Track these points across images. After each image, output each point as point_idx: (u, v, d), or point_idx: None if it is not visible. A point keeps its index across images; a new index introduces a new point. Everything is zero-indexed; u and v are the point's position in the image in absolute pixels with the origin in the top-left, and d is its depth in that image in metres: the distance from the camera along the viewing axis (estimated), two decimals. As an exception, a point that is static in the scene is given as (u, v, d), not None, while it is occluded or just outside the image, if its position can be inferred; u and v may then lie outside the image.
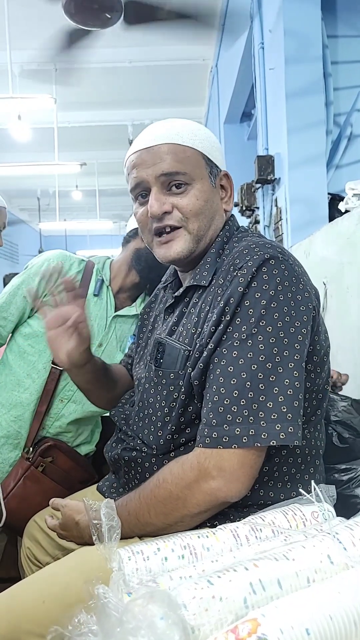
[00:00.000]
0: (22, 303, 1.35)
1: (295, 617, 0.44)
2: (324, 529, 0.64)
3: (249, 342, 0.80)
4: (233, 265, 0.87)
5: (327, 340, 0.94)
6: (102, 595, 0.44)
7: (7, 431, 1.35)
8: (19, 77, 5.36)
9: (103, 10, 2.76)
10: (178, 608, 0.43)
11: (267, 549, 0.61)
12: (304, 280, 0.86)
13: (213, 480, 0.78)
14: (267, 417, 0.77)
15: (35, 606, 0.81)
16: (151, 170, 0.91)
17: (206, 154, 0.93)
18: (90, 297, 1.38)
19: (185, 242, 0.93)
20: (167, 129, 0.93)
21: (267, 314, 0.80)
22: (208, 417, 0.81)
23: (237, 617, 0.45)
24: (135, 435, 0.98)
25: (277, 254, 0.84)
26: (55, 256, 1.38)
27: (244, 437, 0.77)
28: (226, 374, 0.80)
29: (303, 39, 2.77)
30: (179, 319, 0.96)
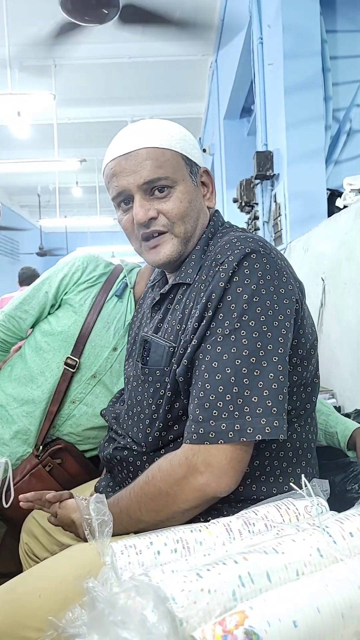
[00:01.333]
0: (43, 298, 1.35)
1: (283, 609, 0.44)
2: (316, 523, 0.65)
3: (232, 337, 0.80)
4: (215, 260, 0.87)
5: (313, 333, 0.94)
6: (91, 589, 0.44)
7: (17, 425, 1.34)
8: (18, 74, 5.35)
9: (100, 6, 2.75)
10: (166, 600, 0.44)
11: (258, 542, 0.61)
12: (286, 274, 0.86)
13: (201, 476, 0.79)
14: (252, 412, 0.78)
15: (32, 600, 0.82)
16: (132, 179, 0.90)
17: (185, 153, 0.93)
18: (110, 299, 1.37)
19: (173, 245, 0.93)
20: (143, 132, 0.92)
21: (250, 309, 0.80)
22: (194, 413, 0.81)
23: (226, 609, 0.45)
24: (125, 434, 0.98)
25: (259, 248, 0.84)
26: (82, 257, 1.38)
27: (229, 432, 0.78)
28: (211, 370, 0.80)
29: (302, 34, 2.75)
30: (164, 316, 0.97)
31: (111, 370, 1.36)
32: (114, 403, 1.16)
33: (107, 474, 1.06)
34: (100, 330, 1.34)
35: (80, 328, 1.33)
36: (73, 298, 1.34)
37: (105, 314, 1.35)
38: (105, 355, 1.35)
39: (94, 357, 1.34)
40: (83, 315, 1.34)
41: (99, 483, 1.07)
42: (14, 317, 1.36)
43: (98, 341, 1.34)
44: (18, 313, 1.36)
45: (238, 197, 3.56)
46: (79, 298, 1.34)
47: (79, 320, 1.33)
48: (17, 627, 0.80)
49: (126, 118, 6.92)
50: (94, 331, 1.33)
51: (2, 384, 1.38)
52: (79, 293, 1.34)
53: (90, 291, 1.36)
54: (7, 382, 1.37)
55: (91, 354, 1.34)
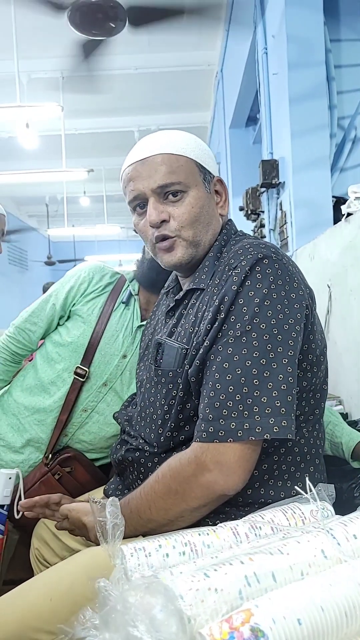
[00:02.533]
0: (51, 311, 1.38)
1: (288, 607, 0.45)
2: (321, 526, 0.66)
3: (243, 339, 0.82)
4: (228, 265, 0.90)
5: (323, 340, 0.96)
6: (102, 588, 0.46)
7: (29, 434, 1.36)
8: (26, 86, 5.43)
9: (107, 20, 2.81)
10: (175, 599, 0.45)
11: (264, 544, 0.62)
12: (297, 279, 0.88)
13: (210, 474, 0.80)
14: (261, 412, 0.79)
15: (43, 604, 0.83)
16: (147, 183, 0.94)
17: (199, 161, 0.97)
18: (118, 306, 1.39)
19: (184, 248, 0.96)
20: (159, 140, 0.96)
21: (261, 312, 0.83)
22: (205, 412, 0.83)
23: (232, 607, 0.47)
24: (137, 435, 1.00)
25: (271, 254, 0.87)
26: (88, 267, 1.41)
27: (239, 431, 0.79)
28: (221, 370, 0.82)
29: (306, 43, 2.78)
30: (178, 321, 0.99)
31: (122, 377, 1.37)
32: (126, 407, 1.18)
33: (117, 477, 1.08)
34: (109, 339, 1.36)
35: (89, 338, 1.35)
36: (81, 309, 1.37)
37: (113, 322, 1.37)
38: (115, 363, 1.36)
39: (104, 365, 1.36)
40: (92, 324, 1.36)
41: (108, 486, 1.09)
42: (24, 330, 1.39)
43: (107, 349, 1.36)
44: (27, 325, 1.38)
45: (244, 205, 3.58)
46: (86, 308, 1.37)
47: (87, 330, 1.35)
48: (29, 630, 0.82)
49: (133, 128, 6.99)
50: (102, 340, 1.35)
51: (14, 394, 1.40)
52: (86, 303, 1.37)
53: (97, 301, 1.38)
54: (19, 391, 1.39)
55: (101, 363, 1.35)
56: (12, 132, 6.47)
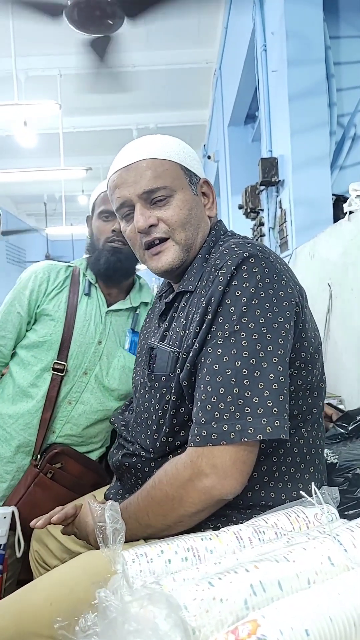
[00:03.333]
0: (17, 319, 1.37)
1: (295, 618, 0.44)
2: (326, 531, 0.65)
3: (232, 340, 0.81)
4: (214, 266, 0.89)
5: (317, 337, 0.95)
6: (103, 598, 0.44)
7: (18, 440, 1.35)
8: (24, 84, 5.40)
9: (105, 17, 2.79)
10: (179, 609, 0.44)
11: (269, 551, 0.61)
12: (285, 277, 0.87)
13: (207, 478, 0.79)
14: (253, 412, 0.78)
15: (42, 608, 0.82)
16: (133, 189, 0.94)
17: (184, 164, 0.96)
18: (82, 298, 1.40)
19: (175, 252, 0.95)
20: (143, 145, 0.96)
21: (249, 311, 0.81)
22: (197, 415, 0.82)
23: (238, 618, 0.45)
24: (134, 441, 0.99)
25: (257, 252, 0.86)
26: (41, 268, 1.41)
27: (231, 433, 0.78)
28: (212, 372, 0.81)
29: (305, 40, 2.76)
30: (170, 325, 0.99)
31: (100, 363, 1.38)
32: (122, 411, 1.17)
33: (117, 482, 1.07)
34: (81, 329, 1.37)
35: (62, 333, 1.36)
36: (47, 308, 1.37)
37: (81, 313, 1.38)
38: (92, 350, 1.37)
39: (81, 355, 1.37)
40: (61, 320, 1.37)
41: (108, 490, 1.08)
42: None
43: (82, 340, 1.37)
44: None
45: (243, 203, 3.57)
46: (52, 306, 1.38)
47: (58, 326, 1.36)
48: (29, 635, 0.81)
49: (131, 126, 6.97)
50: (75, 331, 1.36)
51: None
52: (50, 301, 1.38)
53: (61, 297, 1.39)
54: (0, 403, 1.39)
55: (78, 353, 1.36)
56: (9, 130, 6.44)
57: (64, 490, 1.33)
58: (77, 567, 0.88)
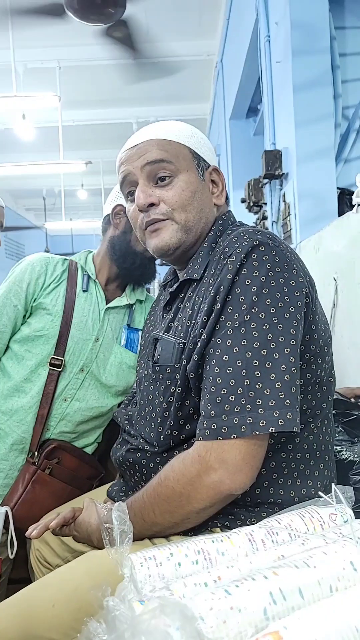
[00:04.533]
0: (14, 312, 1.34)
1: (320, 629, 0.41)
2: (344, 533, 0.62)
3: (242, 330, 0.78)
4: (223, 254, 0.86)
5: (327, 330, 0.92)
6: (112, 608, 0.41)
7: (12, 438, 1.34)
8: (22, 76, 5.35)
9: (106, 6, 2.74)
10: (194, 620, 0.41)
11: (284, 553, 0.58)
12: (296, 266, 0.84)
13: (215, 473, 0.76)
14: (264, 405, 0.75)
15: (45, 610, 0.80)
16: (137, 162, 0.92)
17: (193, 148, 0.94)
18: (79, 293, 1.38)
19: (173, 231, 0.93)
20: (154, 127, 0.95)
21: (259, 300, 0.78)
22: (206, 408, 0.79)
23: (257, 629, 0.42)
24: (138, 435, 0.97)
25: (267, 240, 0.83)
26: (38, 260, 1.38)
27: (242, 427, 0.75)
28: (222, 364, 0.78)
29: (310, 30, 2.72)
30: (175, 315, 0.96)
31: (97, 360, 1.36)
32: (126, 405, 1.15)
33: (120, 479, 1.04)
34: (79, 325, 1.35)
35: (59, 327, 1.33)
36: (44, 301, 1.34)
37: (79, 308, 1.36)
38: (89, 347, 1.35)
39: (78, 351, 1.34)
40: (59, 314, 1.34)
41: (111, 488, 1.05)
42: None
43: (80, 335, 1.34)
44: None
45: (246, 197, 3.53)
46: (49, 299, 1.35)
47: (56, 320, 1.34)
48: (31, 638, 0.79)
49: (131, 120, 6.91)
50: (73, 327, 1.34)
51: None
52: (48, 295, 1.35)
53: (59, 290, 1.36)
54: None
55: (75, 349, 1.34)
56: (8, 123, 6.40)
57: (62, 484, 1.32)
58: (80, 567, 0.86)
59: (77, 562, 0.89)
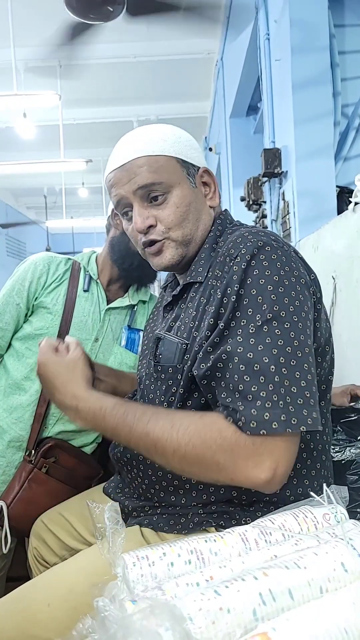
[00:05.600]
0: (16, 310, 1.35)
1: (308, 630, 0.41)
2: (337, 533, 0.62)
3: (265, 328, 0.77)
4: (228, 255, 0.85)
5: (328, 328, 0.92)
6: (102, 608, 0.41)
7: (9, 435, 1.34)
8: (23, 74, 5.34)
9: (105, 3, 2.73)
10: (183, 621, 0.41)
11: (277, 554, 0.58)
12: (302, 266, 0.85)
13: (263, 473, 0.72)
14: (294, 402, 0.73)
15: (41, 609, 0.80)
16: (128, 187, 0.92)
17: (180, 156, 0.93)
18: (80, 293, 1.38)
19: (173, 249, 0.93)
20: (137, 141, 0.93)
21: (278, 299, 0.78)
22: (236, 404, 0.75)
23: (246, 630, 0.42)
24: None
25: (271, 241, 0.83)
26: (41, 259, 1.38)
27: (273, 422, 0.72)
28: (247, 361, 0.76)
29: (309, 28, 2.71)
30: (177, 316, 0.96)
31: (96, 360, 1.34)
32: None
33: (117, 476, 1.04)
34: (78, 325, 1.35)
35: (59, 326, 1.33)
36: (44, 300, 1.34)
37: (80, 308, 1.36)
38: (88, 348, 1.35)
39: None
40: (59, 313, 1.34)
41: (107, 484, 1.05)
42: None
43: (79, 335, 1.34)
44: None
45: (245, 195, 3.52)
46: (50, 299, 1.35)
47: (55, 319, 1.34)
48: (26, 637, 0.79)
49: (132, 118, 6.90)
50: (72, 327, 1.34)
51: None
52: (49, 294, 1.35)
53: (60, 290, 1.36)
54: None
55: None
56: (9, 122, 6.39)
57: (59, 484, 1.32)
58: (75, 566, 0.86)
59: (73, 560, 0.89)
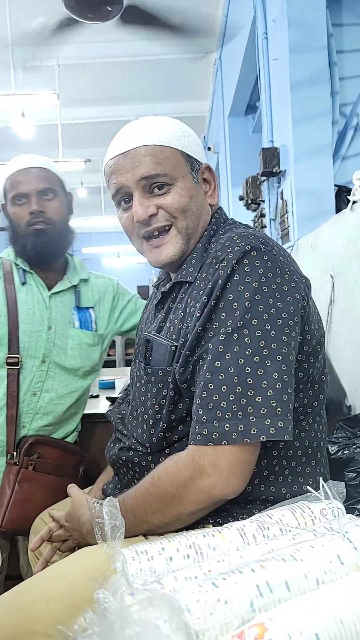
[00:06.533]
0: None
1: (304, 621, 0.42)
2: (334, 527, 0.62)
3: (235, 336, 0.78)
4: (215, 258, 0.85)
5: (320, 329, 0.92)
6: (101, 600, 0.42)
7: None
8: (21, 74, 5.34)
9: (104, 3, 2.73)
10: (181, 612, 0.41)
11: (274, 548, 0.59)
12: (289, 270, 0.84)
13: (208, 478, 0.77)
14: (256, 412, 0.76)
15: (40, 605, 0.80)
16: (130, 175, 0.89)
17: (185, 150, 0.92)
18: (19, 288, 1.38)
19: (176, 243, 0.92)
20: (142, 129, 0.91)
21: (252, 307, 0.78)
22: (198, 413, 0.79)
23: (244, 621, 0.43)
24: (130, 435, 0.97)
25: (259, 245, 0.83)
26: None
27: (233, 433, 0.76)
28: (213, 370, 0.78)
29: (307, 28, 2.71)
30: (167, 315, 0.96)
31: (55, 348, 1.36)
32: (119, 404, 1.15)
33: (115, 477, 1.05)
34: (27, 318, 1.35)
35: (7, 326, 1.33)
36: None
37: (23, 302, 1.36)
38: (44, 338, 1.35)
39: (34, 344, 1.34)
40: (3, 313, 1.34)
41: (106, 485, 1.06)
42: None
43: (30, 328, 1.34)
44: None
45: (244, 194, 3.53)
46: None
47: (2, 319, 1.34)
48: (26, 634, 0.79)
49: (130, 117, 6.87)
50: (21, 321, 1.34)
51: None
52: None
53: None
54: None
55: (30, 342, 1.34)
56: (7, 121, 6.38)
57: (49, 477, 1.33)
58: (75, 562, 0.87)
59: (73, 557, 0.90)
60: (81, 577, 0.79)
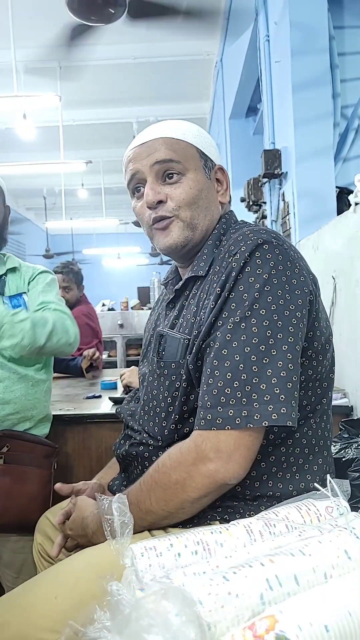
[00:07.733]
0: None
1: (314, 613, 0.43)
2: (340, 524, 0.63)
3: (242, 325, 0.80)
4: (228, 252, 0.88)
5: (328, 327, 0.94)
6: (115, 592, 0.43)
7: None
8: (23, 76, 5.35)
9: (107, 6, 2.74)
10: (193, 604, 0.42)
11: (281, 544, 0.60)
12: (299, 265, 0.87)
13: (211, 462, 0.79)
14: (260, 399, 0.78)
15: (47, 602, 0.81)
16: (146, 161, 0.94)
17: (200, 147, 0.97)
18: None
19: (180, 229, 0.95)
20: (162, 126, 0.97)
21: (261, 297, 0.81)
22: (203, 399, 0.82)
23: (254, 613, 0.44)
24: (141, 430, 0.99)
25: (271, 239, 0.85)
26: None
27: (237, 419, 0.78)
28: (220, 357, 0.81)
29: (309, 30, 2.72)
30: (180, 312, 0.98)
31: None
32: (128, 402, 1.16)
33: (122, 473, 1.06)
34: None
35: None
36: None
37: None
38: None
39: None
40: None
41: (112, 482, 1.07)
42: None
43: None
44: None
45: (245, 196, 3.54)
46: None
47: None
48: (34, 630, 0.80)
49: (131, 119, 6.91)
50: None
51: None
52: None
53: None
54: None
55: None
56: (9, 123, 6.39)
57: (23, 467, 1.35)
58: (81, 560, 0.87)
59: (80, 554, 0.91)
60: (88, 573, 0.80)
